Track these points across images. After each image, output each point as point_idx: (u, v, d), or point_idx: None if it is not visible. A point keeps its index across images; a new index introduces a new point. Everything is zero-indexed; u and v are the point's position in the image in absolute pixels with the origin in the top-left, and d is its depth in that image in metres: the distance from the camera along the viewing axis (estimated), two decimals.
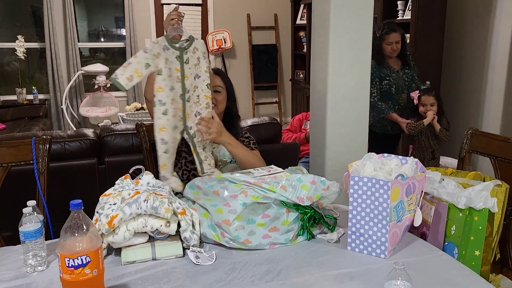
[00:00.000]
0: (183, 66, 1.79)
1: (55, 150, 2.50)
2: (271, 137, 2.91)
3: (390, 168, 1.54)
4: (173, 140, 1.81)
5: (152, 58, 1.70)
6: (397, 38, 3.40)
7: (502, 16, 3.74)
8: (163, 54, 1.73)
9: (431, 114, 3.28)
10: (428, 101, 3.33)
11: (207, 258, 1.38)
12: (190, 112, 1.85)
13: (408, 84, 3.48)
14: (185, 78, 1.80)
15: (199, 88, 1.85)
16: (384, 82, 3.41)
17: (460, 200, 1.52)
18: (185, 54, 1.78)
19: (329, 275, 1.29)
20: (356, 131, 2.44)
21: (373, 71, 3.24)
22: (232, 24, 6.68)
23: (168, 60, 1.74)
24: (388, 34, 3.39)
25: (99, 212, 1.41)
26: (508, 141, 1.82)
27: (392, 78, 3.42)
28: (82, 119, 6.21)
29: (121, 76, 1.65)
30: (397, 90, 3.43)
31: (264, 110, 7.07)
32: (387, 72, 3.43)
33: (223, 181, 1.50)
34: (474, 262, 1.52)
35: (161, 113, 1.75)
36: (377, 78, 3.38)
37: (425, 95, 3.33)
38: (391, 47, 3.39)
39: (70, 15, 5.91)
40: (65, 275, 1.09)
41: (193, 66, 1.82)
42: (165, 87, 1.75)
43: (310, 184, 1.46)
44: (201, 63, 1.83)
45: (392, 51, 3.42)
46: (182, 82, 1.80)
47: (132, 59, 1.69)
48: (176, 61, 1.78)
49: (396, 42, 3.40)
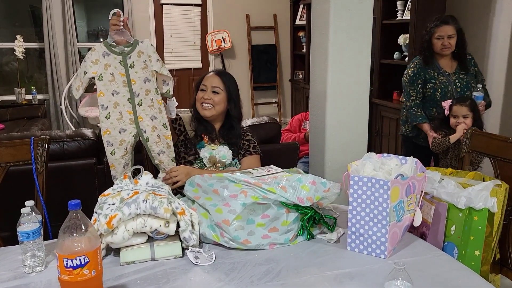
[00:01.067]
0: (128, 70, 1.84)
1: (54, 150, 2.50)
2: (271, 137, 2.91)
3: (390, 168, 1.54)
4: (120, 142, 1.89)
5: (90, 65, 1.78)
6: (450, 32, 2.86)
7: (502, 16, 3.75)
8: (102, 60, 1.80)
9: (461, 129, 2.67)
10: (461, 112, 2.73)
11: (207, 258, 1.37)
12: (145, 116, 1.91)
13: (461, 91, 2.92)
14: (132, 82, 1.86)
15: (151, 92, 1.90)
16: (428, 86, 2.95)
17: (460, 200, 1.52)
18: (128, 58, 1.83)
19: (329, 275, 1.29)
20: (356, 131, 2.44)
21: (417, 71, 2.95)
22: (232, 24, 6.67)
23: (110, 65, 1.80)
24: (438, 27, 2.87)
25: (97, 212, 1.41)
26: (507, 141, 1.82)
27: (438, 81, 2.93)
28: (81, 119, 6.19)
29: (73, 88, 1.84)
30: (444, 96, 2.91)
31: (264, 110, 7.07)
32: (433, 74, 2.94)
33: (223, 180, 1.49)
34: (474, 262, 1.52)
35: (104, 117, 1.84)
36: (420, 80, 2.95)
37: (457, 104, 2.74)
38: (441, 42, 2.87)
39: (69, 15, 5.91)
40: (64, 276, 1.09)
41: (140, 70, 1.86)
42: (106, 91, 1.83)
43: (310, 184, 1.45)
44: (148, 66, 1.87)
45: (443, 47, 2.87)
46: (129, 86, 1.86)
47: (79, 70, 1.83)
48: (120, 66, 1.83)
49: (449, 37, 2.86)
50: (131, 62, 1.84)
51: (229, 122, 2.11)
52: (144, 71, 1.87)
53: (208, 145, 2.07)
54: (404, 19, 4.41)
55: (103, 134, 1.87)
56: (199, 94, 2.08)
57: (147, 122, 1.91)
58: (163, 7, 6.40)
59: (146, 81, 1.88)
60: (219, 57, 6.69)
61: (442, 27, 2.86)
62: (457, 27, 2.88)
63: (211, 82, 2.06)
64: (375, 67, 4.69)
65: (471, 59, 3.01)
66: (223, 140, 2.10)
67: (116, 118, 1.87)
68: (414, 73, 2.96)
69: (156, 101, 1.91)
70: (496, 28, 3.82)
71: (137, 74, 1.86)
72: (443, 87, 2.92)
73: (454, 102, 2.77)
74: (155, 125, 1.93)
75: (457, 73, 2.96)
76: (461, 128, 2.69)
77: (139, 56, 1.85)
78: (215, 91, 2.05)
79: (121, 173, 1.91)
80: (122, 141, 1.90)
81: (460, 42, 2.91)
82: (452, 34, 2.86)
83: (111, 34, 1.81)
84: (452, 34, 2.86)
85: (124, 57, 1.82)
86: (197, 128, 2.10)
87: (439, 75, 2.94)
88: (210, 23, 6.66)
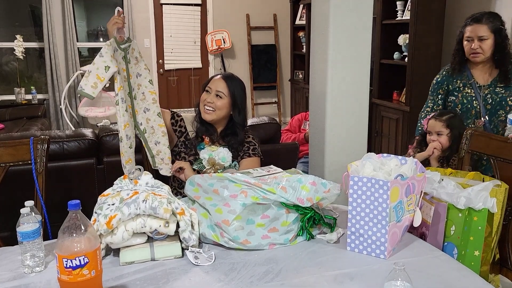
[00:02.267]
0: (127, 65, 1.90)
1: (54, 150, 2.50)
2: (270, 137, 2.91)
3: (390, 168, 1.54)
4: (133, 135, 1.94)
5: (110, 60, 1.78)
6: (481, 33, 2.29)
7: (501, 16, 3.74)
8: (115, 55, 1.82)
9: (431, 148, 2.30)
10: (434, 127, 2.33)
11: (206, 259, 1.37)
12: (139, 109, 1.97)
13: (492, 109, 2.36)
14: (130, 77, 1.91)
15: (142, 86, 1.97)
16: (450, 98, 2.46)
17: (460, 200, 1.52)
18: (127, 54, 1.89)
19: (329, 276, 1.29)
20: (355, 131, 2.44)
21: (441, 80, 2.50)
22: (231, 24, 6.68)
23: (117, 60, 1.83)
24: (467, 26, 2.34)
25: (97, 213, 1.41)
26: (507, 141, 1.82)
27: (462, 94, 2.41)
28: (80, 119, 6.20)
29: (86, 86, 1.75)
30: (466, 112, 2.39)
31: (263, 110, 7.07)
32: (459, 84, 2.43)
33: (223, 180, 1.49)
34: (473, 262, 1.52)
35: (124, 110, 1.85)
36: (442, 90, 2.49)
37: (433, 118, 2.36)
38: (470, 45, 2.32)
39: (69, 15, 5.91)
40: (63, 276, 1.09)
41: (134, 65, 1.93)
42: (124, 85, 1.87)
43: (310, 185, 1.45)
44: (139, 62, 1.95)
45: (472, 52, 2.32)
46: (128, 81, 1.91)
47: (91, 67, 1.77)
48: (123, 61, 1.87)
49: (480, 39, 2.30)
50: (129, 57, 1.91)
51: (232, 127, 2.09)
52: (136, 66, 1.95)
53: (209, 146, 2.06)
54: (404, 19, 4.41)
55: (123, 128, 1.85)
56: (203, 96, 2.08)
57: (141, 115, 1.97)
58: (163, 7, 6.40)
59: (138, 76, 1.96)
60: (219, 57, 6.69)
61: (473, 26, 2.32)
62: (494, 27, 2.30)
63: (216, 86, 2.06)
64: (375, 67, 4.70)
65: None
66: (224, 142, 2.10)
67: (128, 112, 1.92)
68: (438, 82, 2.53)
69: (149, 92, 1.98)
70: None
71: (132, 69, 1.92)
72: (466, 102, 2.39)
73: (434, 116, 2.38)
74: (149, 116, 1.99)
75: (493, 86, 2.36)
76: (430, 147, 2.31)
77: (132, 53, 1.92)
78: (219, 95, 2.04)
79: (134, 167, 1.91)
80: (132, 134, 1.95)
81: (498, 46, 2.31)
82: (485, 35, 2.29)
83: (114, 31, 1.82)
84: (485, 36, 2.29)
85: (125, 53, 1.88)
86: (199, 129, 2.10)
87: (465, 86, 2.41)
88: (210, 23, 6.66)
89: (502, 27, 2.31)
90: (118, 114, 1.85)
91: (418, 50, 4.19)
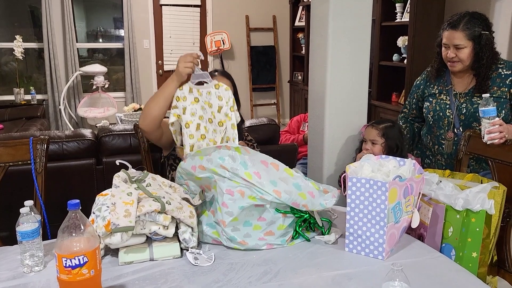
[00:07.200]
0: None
1: (53, 150, 2.50)
2: (269, 138, 2.92)
3: (388, 170, 1.54)
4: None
5: (128, 187, 1.49)
6: (457, 41, 2.04)
7: (500, 18, 3.75)
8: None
9: (359, 158, 2.03)
10: (368, 135, 2.17)
11: (206, 260, 1.38)
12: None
13: (466, 120, 2.12)
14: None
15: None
16: (425, 104, 2.29)
17: (458, 202, 1.52)
18: (142, 183, 1.57)
19: (327, 276, 1.29)
20: (354, 132, 2.44)
21: (419, 83, 2.34)
22: (231, 26, 6.68)
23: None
24: (444, 30, 2.10)
25: (95, 214, 1.41)
26: (505, 143, 1.82)
27: (437, 101, 2.21)
28: (80, 120, 6.20)
29: (118, 220, 1.32)
30: (439, 121, 2.20)
31: (262, 111, 7.07)
32: (435, 90, 2.24)
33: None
34: (471, 264, 1.52)
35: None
36: (416, 94, 2.35)
37: (369, 125, 2.21)
38: (447, 52, 2.10)
39: (68, 15, 5.91)
40: (62, 275, 1.09)
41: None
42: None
43: (308, 195, 1.44)
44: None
45: (451, 61, 2.10)
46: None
47: (113, 199, 1.39)
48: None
49: (456, 47, 2.06)
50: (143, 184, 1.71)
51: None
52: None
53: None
54: (403, 21, 4.42)
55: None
56: None
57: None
58: (163, 8, 6.41)
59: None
60: (218, 58, 6.70)
61: (449, 32, 2.07)
62: (472, 35, 2.03)
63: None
64: (374, 69, 4.71)
65: (508, 76, 2.07)
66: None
67: None
68: (416, 84, 2.37)
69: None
70: (495, 29, 3.82)
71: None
72: (439, 109, 2.19)
73: (372, 123, 2.22)
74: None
75: (470, 95, 2.13)
76: (359, 156, 2.15)
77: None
78: None
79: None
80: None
81: (476, 55, 2.06)
82: (461, 44, 2.04)
83: (185, 74, 1.80)
84: (461, 44, 2.04)
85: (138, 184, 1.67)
86: None
87: (441, 93, 2.21)
88: (209, 24, 6.66)
89: (484, 31, 2.04)
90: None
91: (417, 52, 4.20)
